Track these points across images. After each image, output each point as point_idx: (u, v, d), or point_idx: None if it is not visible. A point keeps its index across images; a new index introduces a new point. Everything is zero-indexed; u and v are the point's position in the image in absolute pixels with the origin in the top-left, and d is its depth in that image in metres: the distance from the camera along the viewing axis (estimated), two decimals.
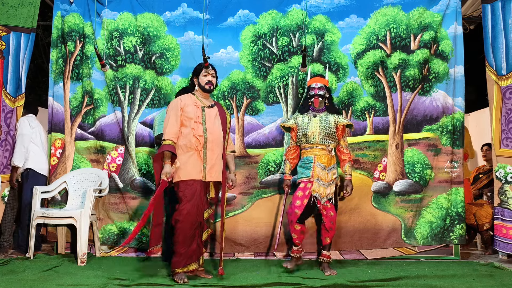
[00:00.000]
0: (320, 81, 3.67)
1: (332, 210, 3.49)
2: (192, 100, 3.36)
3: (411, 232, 4.11)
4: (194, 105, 3.32)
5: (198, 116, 3.30)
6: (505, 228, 3.92)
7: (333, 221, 3.50)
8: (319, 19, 4.26)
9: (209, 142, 3.30)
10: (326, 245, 3.57)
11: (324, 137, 3.57)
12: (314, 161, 3.54)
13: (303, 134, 3.61)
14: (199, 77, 3.40)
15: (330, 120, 3.61)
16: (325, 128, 3.57)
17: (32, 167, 4.23)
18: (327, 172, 3.52)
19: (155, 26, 4.33)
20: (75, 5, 4.37)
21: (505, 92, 3.97)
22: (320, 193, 3.48)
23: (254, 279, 3.24)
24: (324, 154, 3.56)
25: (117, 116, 4.33)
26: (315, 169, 3.52)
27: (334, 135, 3.59)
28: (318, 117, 3.62)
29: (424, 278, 3.27)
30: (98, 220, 4.23)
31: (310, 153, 3.59)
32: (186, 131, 3.28)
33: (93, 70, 4.36)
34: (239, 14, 4.32)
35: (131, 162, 4.29)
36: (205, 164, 3.28)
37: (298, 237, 3.54)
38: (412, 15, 4.19)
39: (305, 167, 3.58)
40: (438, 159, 4.15)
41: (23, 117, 4.32)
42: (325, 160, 3.54)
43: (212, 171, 3.31)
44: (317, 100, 3.63)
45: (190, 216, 3.17)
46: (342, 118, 3.64)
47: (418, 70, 4.16)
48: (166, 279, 3.23)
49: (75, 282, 3.15)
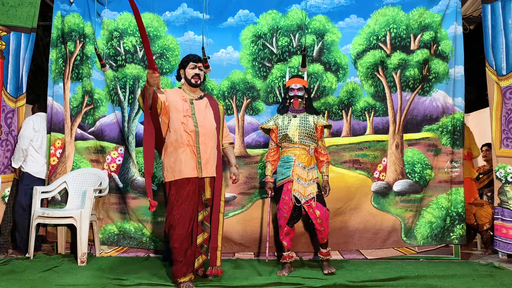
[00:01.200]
0: (299, 82, 3.65)
1: (318, 209, 3.44)
2: (179, 94, 3.18)
3: (411, 232, 4.11)
4: (181, 100, 3.14)
5: (186, 109, 3.12)
6: (505, 228, 3.92)
7: (321, 220, 3.44)
8: (319, 19, 4.26)
9: (201, 135, 3.12)
10: (323, 244, 3.56)
11: (304, 137, 3.55)
12: (294, 160, 3.52)
13: (284, 134, 3.59)
14: (185, 69, 3.23)
15: (309, 120, 3.59)
16: (305, 128, 3.55)
17: (28, 170, 4.22)
18: (307, 171, 3.51)
19: (155, 26, 4.33)
20: (75, 5, 4.37)
21: (505, 92, 3.97)
22: (300, 192, 3.46)
23: (254, 279, 3.24)
24: (304, 154, 3.54)
25: (117, 116, 4.33)
26: (295, 168, 3.50)
27: (313, 135, 3.58)
28: (298, 118, 3.61)
29: (424, 278, 3.27)
30: (98, 220, 4.23)
31: (291, 152, 3.56)
32: (176, 126, 3.09)
33: (93, 70, 4.36)
34: (239, 14, 4.32)
35: (131, 162, 4.29)
36: (199, 159, 3.10)
37: (284, 238, 3.52)
38: (412, 15, 4.19)
39: (285, 167, 3.55)
40: (438, 159, 4.15)
41: (30, 116, 4.32)
42: (305, 159, 3.53)
43: (208, 165, 3.13)
44: (297, 101, 3.62)
45: (185, 220, 3.00)
46: (321, 119, 3.63)
47: (418, 70, 4.16)
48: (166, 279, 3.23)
49: (75, 282, 3.15)
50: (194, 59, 3.23)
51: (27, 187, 4.17)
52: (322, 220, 3.45)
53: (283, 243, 3.54)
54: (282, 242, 3.54)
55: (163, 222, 4.07)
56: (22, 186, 4.21)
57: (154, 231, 4.20)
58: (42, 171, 4.29)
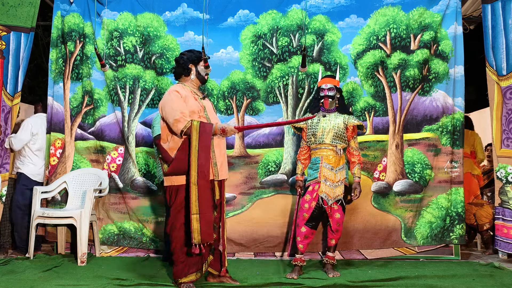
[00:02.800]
0: (330, 81, 3.62)
1: (339, 212, 3.45)
2: (188, 91, 3.06)
3: (411, 232, 4.10)
4: (193, 97, 3.05)
5: (200, 109, 3.02)
6: (506, 228, 3.91)
7: (339, 223, 3.46)
8: (319, 19, 4.26)
9: (215, 137, 3.02)
10: (331, 247, 3.54)
11: (333, 138, 3.52)
12: (321, 162, 3.51)
13: (312, 134, 3.59)
14: (197, 65, 3.15)
15: (339, 120, 3.56)
16: (334, 128, 3.52)
17: (24, 172, 4.21)
18: (335, 172, 3.48)
19: (155, 26, 4.33)
20: (75, 5, 4.37)
21: (505, 92, 3.97)
22: (328, 194, 3.44)
23: (254, 279, 3.24)
24: (332, 154, 3.51)
25: (117, 116, 4.33)
26: (322, 169, 3.48)
27: (343, 135, 3.55)
28: (328, 117, 3.59)
29: (424, 278, 3.27)
30: (98, 220, 4.23)
31: (318, 154, 3.55)
32: None
33: (93, 70, 4.36)
34: (239, 14, 4.31)
35: (131, 162, 4.29)
36: (215, 161, 3.01)
37: (302, 242, 3.47)
38: (412, 15, 4.19)
39: (313, 168, 3.55)
40: (438, 159, 4.14)
41: (28, 119, 4.28)
42: (332, 160, 3.50)
43: (223, 168, 3.08)
44: (327, 100, 3.59)
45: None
46: (352, 119, 3.58)
47: (418, 70, 4.16)
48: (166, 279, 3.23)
49: (75, 282, 3.15)
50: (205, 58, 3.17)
51: (23, 187, 4.17)
52: (340, 224, 3.46)
53: (298, 246, 3.48)
54: (298, 245, 3.48)
55: (163, 222, 4.06)
56: (19, 186, 4.20)
57: (154, 231, 4.20)
58: (39, 174, 4.26)
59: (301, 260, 3.47)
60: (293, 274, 3.35)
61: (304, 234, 3.47)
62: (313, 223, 3.49)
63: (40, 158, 4.27)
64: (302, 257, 3.49)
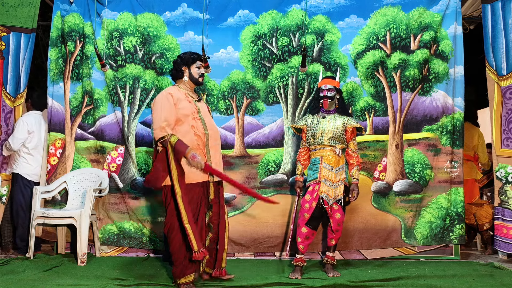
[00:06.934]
0: (330, 82, 3.62)
1: (339, 212, 3.45)
2: (182, 94, 3.09)
3: (411, 232, 4.11)
4: (187, 101, 3.07)
5: (194, 111, 3.06)
6: (505, 228, 3.92)
7: (339, 223, 3.46)
8: (319, 19, 4.26)
9: (210, 139, 3.08)
10: (331, 247, 3.55)
11: (331, 139, 3.52)
12: (321, 162, 3.51)
13: (311, 135, 3.59)
14: (190, 67, 3.17)
15: (339, 122, 3.56)
16: (333, 129, 3.53)
17: (20, 172, 4.20)
18: (335, 172, 3.49)
19: (155, 26, 4.33)
20: (75, 5, 4.37)
21: (505, 92, 3.97)
22: (328, 194, 3.44)
23: (254, 279, 3.24)
24: (331, 154, 3.52)
25: (117, 116, 4.33)
26: (322, 169, 3.49)
27: (342, 137, 3.55)
28: (327, 118, 3.59)
29: (424, 278, 3.27)
30: (98, 220, 4.23)
31: (318, 154, 3.56)
32: (184, 129, 3.01)
33: (93, 70, 4.35)
34: (239, 14, 4.31)
35: (131, 162, 4.29)
36: (210, 163, 3.05)
37: (303, 242, 3.47)
38: (412, 15, 4.19)
39: (313, 169, 3.55)
40: (438, 159, 4.15)
41: (22, 117, 4.24)
42: (332, 160, 3.50)
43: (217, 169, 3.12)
44: (326, 101, 3.59)
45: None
46: (352, 121, 3.58)
47: (418, 70, 4.16)
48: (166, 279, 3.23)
49: (75, 282, 3.16)
50: (201, 58, 3.20)
51: (20, 187, 4.16)
52: (340, 224, 3.47)
53: (299, 246, 3.48)
54: (299, 246, 3.48)
55: (163, 222, 4.06)
56: (16, 188, 4.20)
57: (154, 231, 4.20)
58: (35, 174, 4.23)
59: (301, 261, 3.47)
60: (296, 274, 3.36)
61: (305, 234, 3.47)
62: (314, 224, 3.49)
63: (35, 158, 4.25)
64: (303, 257, 3.49)
